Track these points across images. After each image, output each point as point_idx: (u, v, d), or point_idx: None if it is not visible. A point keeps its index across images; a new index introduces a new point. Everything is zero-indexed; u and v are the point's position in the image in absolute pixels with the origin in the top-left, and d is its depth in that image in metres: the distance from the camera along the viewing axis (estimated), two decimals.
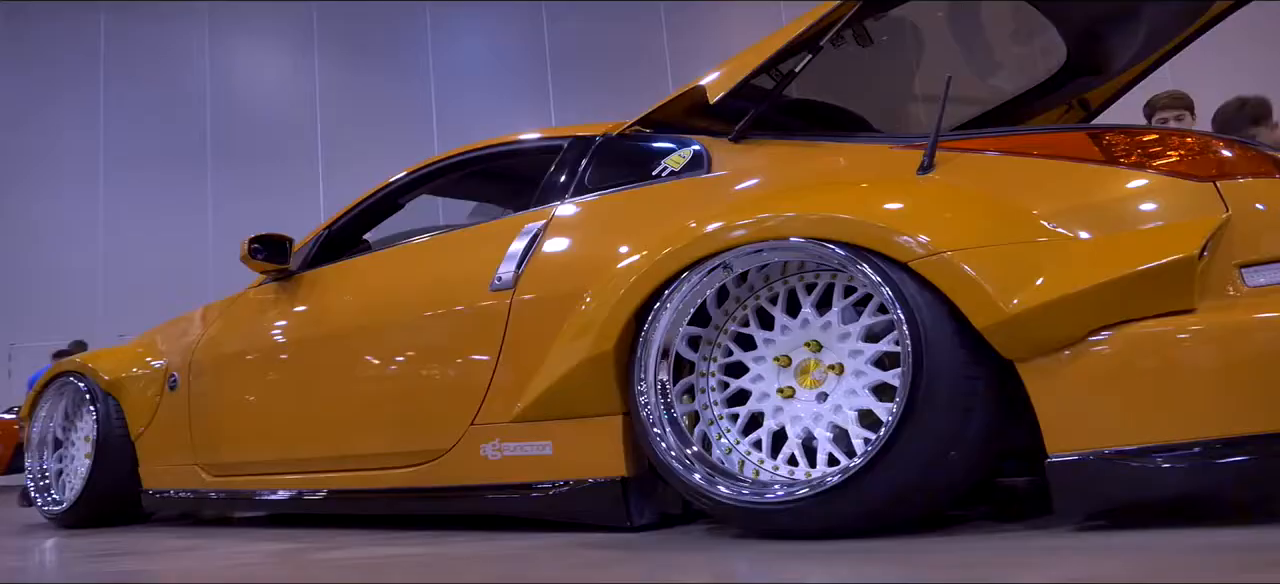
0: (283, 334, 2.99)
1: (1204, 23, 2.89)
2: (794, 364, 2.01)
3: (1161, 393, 1.62)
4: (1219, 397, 1.59)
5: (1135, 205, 1.77)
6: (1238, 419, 1.58)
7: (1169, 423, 1.61)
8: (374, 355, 2.69)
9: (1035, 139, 1.96)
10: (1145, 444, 1.61)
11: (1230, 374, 1.60)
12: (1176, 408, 1.61)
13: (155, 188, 12.04)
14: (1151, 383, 1.63)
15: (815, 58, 2.31)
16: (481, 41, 12.81)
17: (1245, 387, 1.58)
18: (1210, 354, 1.61)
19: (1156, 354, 1.63)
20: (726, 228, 2.00)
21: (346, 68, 12.56)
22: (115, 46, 12.23)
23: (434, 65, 12.43)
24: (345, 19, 12.44)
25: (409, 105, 12.32)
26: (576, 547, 2.00)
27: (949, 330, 1.73)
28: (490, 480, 2.39)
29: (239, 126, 12.17)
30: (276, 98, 12.59)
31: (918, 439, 1.71)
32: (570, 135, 2.71)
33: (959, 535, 1.77)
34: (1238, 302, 1.66)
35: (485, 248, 2.54)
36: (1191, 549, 1.46)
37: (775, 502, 1.84)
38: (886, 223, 1.82)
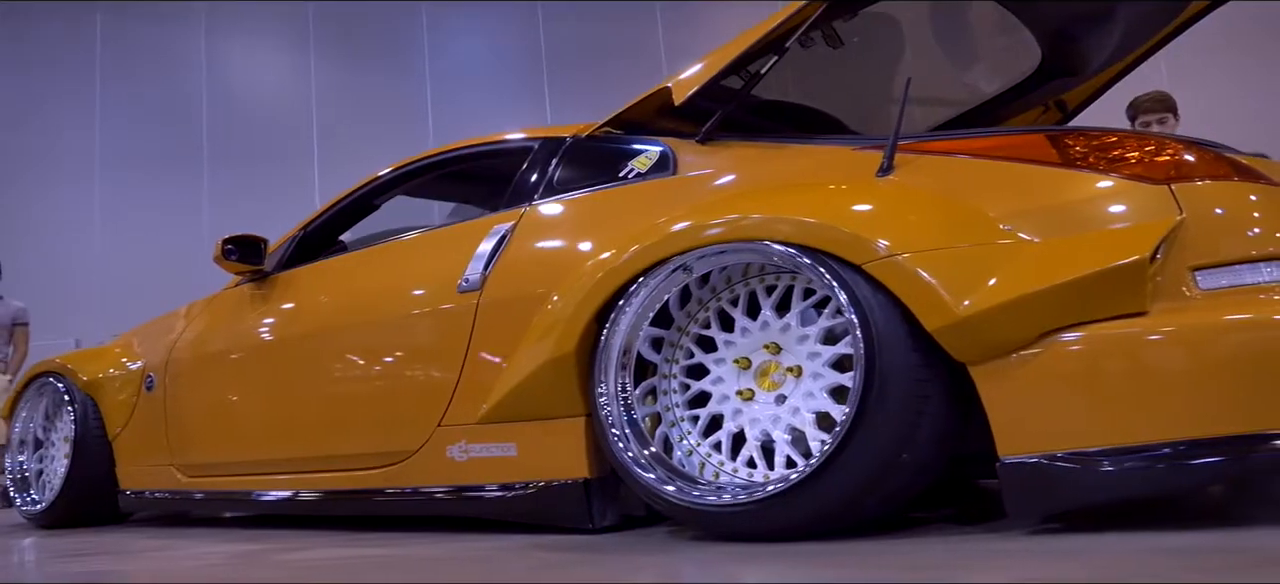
0: (255, 335, 2.99)
1: (1180, 23, 2.88)
2: (754, 366, 2.01)
3: (1112, 396, 1.62)
4: (1169, 400, 1.59)
5: (1090, 208, 1.77)
6: (1188, 423, 1.57)
7: (1120, 426, 1.60)
8: (344, 356, 2.69)
9: (995, 141, 1.96)
10: (1096, 447, 1.61)
11: (1180, 378, 1.59)
12: (1127, 411, 1.60)
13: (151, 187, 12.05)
14: (1102, 386, 1.62)
15: (781, 59, 2.31)
16: (477, 41, 12.81)
17: (1196, 390, 1.58)
18: (1160, 357, 1.61)
19: (1107, 357, 1.62)
20: (684, 230, 2.00)
21: (342, 68, 12.56)
22: (111, 46, 12.25)
23: (430, 65, 12.43)
24: (341, 19, 12.45)
25: (405, 105, 12.32)
26: (535, 549, 1.99)
27: (902, 333, 1.73)
28: (457, 482, 2.39)
29: (235, 126, 12.18)
30: (272, 98, 12.60)
31: (870, 442, 1.71)
32: (541, 136, 2.71)
33: (915, 538, 1.77)
34: (1191, 305, 1.65)
35: (455, 249, 2.54)
36: (1141, 552, 1.46)
37: (729, 504, 1.84)
38: (841, 225, 1.82)
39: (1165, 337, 1.60)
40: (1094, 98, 3.16)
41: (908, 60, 3.17)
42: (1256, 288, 1.67)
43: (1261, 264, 1.70)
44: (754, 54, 2.30)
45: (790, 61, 2.69)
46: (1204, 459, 1.55)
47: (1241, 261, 1.69)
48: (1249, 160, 1.97)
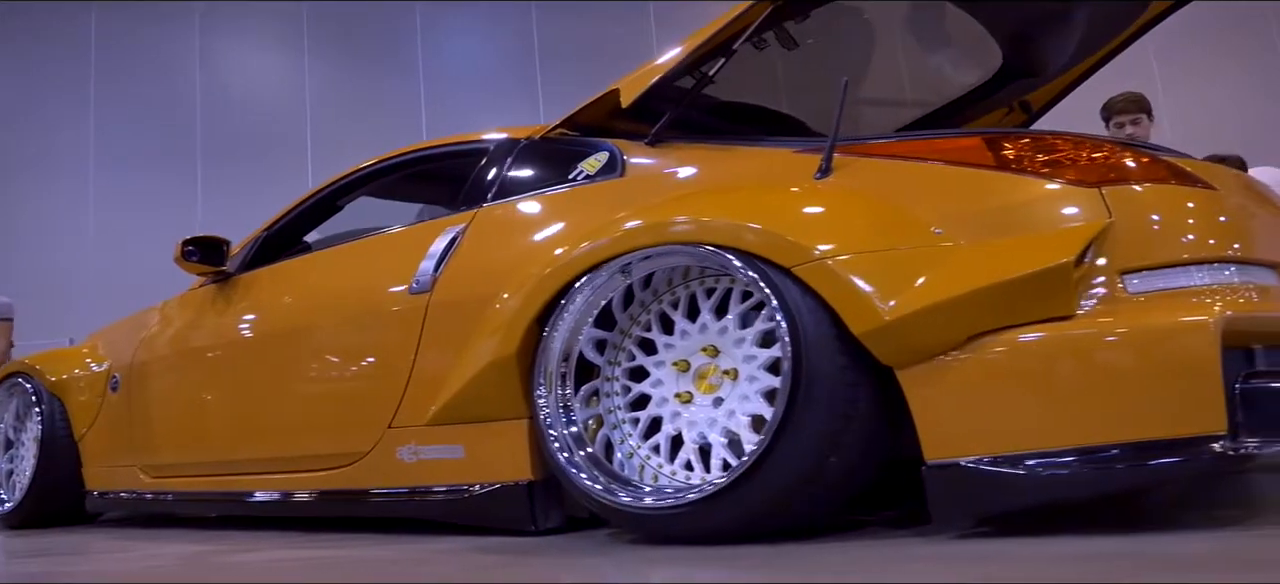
0: (214, 336, 2.99)
1: (1142, 25, 2.87)
2: (692, 369, 2.01)
3: (1037, 400, 1.61)
4: (1095, 404, 1.58)
5: (1022, 212, 1.76)
6: (1113, 426, 1.57)
7: (1045, 430, 1.60)
8: (299, 358, 2.69)
9: (932, 144, 1.96)
10: (1020, 451, 1.60)
11: (1105, 381, 1.59)
12: (1053, 415, 1.60)
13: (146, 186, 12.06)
14: (1028, 390, 1.62)
15: (729, 61, 2.30)
16: (471, 40, 12.81)
17: (1121, 394, 1.57)
18: (1086, 361, 1.60)
19: (1032, 361, 1.62)
20: (621, 233, 2.00)
21: (337, 67, 12.58)
22: (106, 45, 12.27)
23: (424, 64, 12.44)
24: (335, 18, 12.46)
25: (399, 104, 12.33)
26: (472, 551, 2.00)
27: (830, 336, 1.72)
28: (407, 483, 2.39)
29: (229, 125, 12.19)
30: (267, 97, 12.62)
31: (796, 445, 1.71)
32: (497, 138, 2.71)
33: (845, 541, 1.77)
34: (1118, 308, 1.65)
35: (408, 251, 2.54)
36: (1067, 557, 1.45)
37: (660, 507, 1.84)
38: (770, 228, 1.82)
39: (1089, 340, 1.60)
40: (1059, 98, 3.14)
41: (874, 61, 3.17)
42: (1186, 291, 1.67)
43: (1192, 268, 1.70)
44: (702, 56, 2.30)
45: (755, 62, 2.71)
46: (1129, 463, 1.55)
47: (1171, 265, 1.69)
48: (1197, 164, 1.97)
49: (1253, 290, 1.74)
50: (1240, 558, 1.33)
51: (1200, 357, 1.53)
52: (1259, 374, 1.63)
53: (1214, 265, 1.72)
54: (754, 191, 2.01)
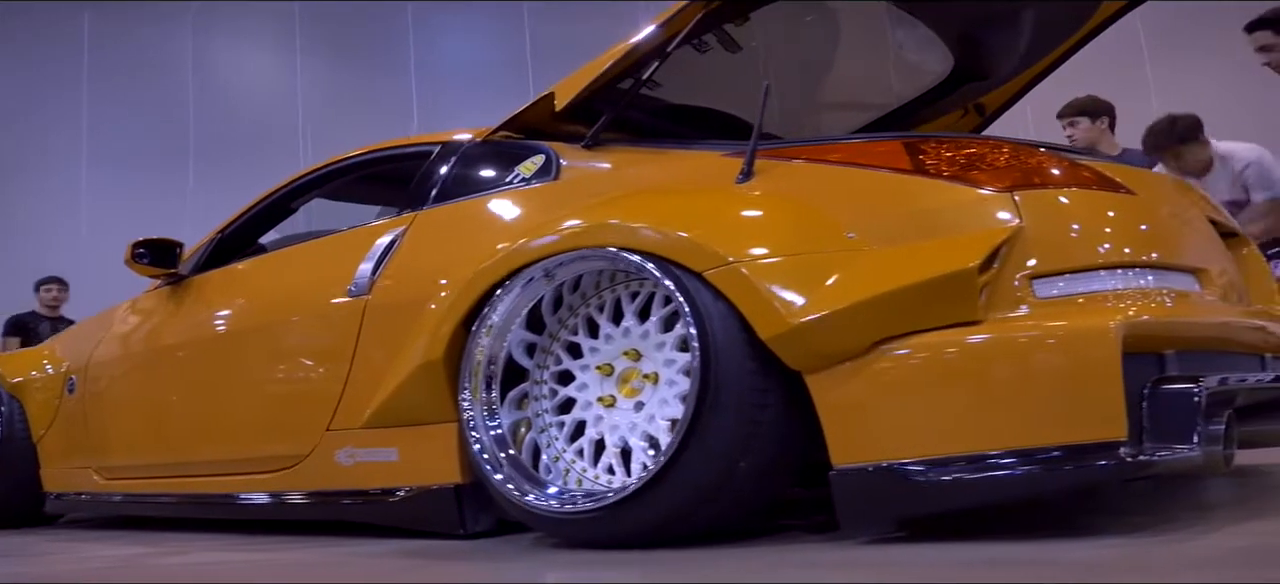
0: (163, 339, 3.00)
1: (1094, 26, 2.87)
2: (616, 373, 2.00)
3: (941, 405, 1.61)
4: (997, 409, 1.58)
5: (936, 216, 1.76)
6: (1015, 432, 1.57)
7: (948, 435, 1.60)
8: (243, 360, 2.70)
9: (853, 148, 1.96)
10: (925, 456, 1.60)
11: (1007, 387, 1.58)
12: (955, 420, 1.60)
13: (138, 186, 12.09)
14: (932, 395, 1.62)
15: (663, 63, 2.30)
16: (463, 40, 12.82)
17: (1022, 400, 1.57)
18: (990, 366, 1.60)
19: (937, 366, 1.62)
20: (542, 238, 2.00)
21: (329, 67, 12.59)
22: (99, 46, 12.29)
23: (416, 64, 12.45)
24: (328, 19, 12.47)
25: (391, 104, 12.34)
26: (394, 555, 2.00)
27: (740, 341, 1.72)
28: (345, 486, 2.39)
29: (222, 124, 12.21)
30: (259, 97, 12.64)
31: (705, 450, 1.70)
32: (441, 141, 2.71)
33: (759, 545, 1.76)
34: (1023, 314, 1.64)
35: (351, 253, 2.54)
36: (969, 562, 1.45)
37: (576, 511, 1.84)
38: (683, 232, 1.81)
39: (991, 345, 1.60)
40: (1013, 101, 3.13)
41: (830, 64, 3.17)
42: (1095, 296, 1.67)
43: (1102, 273, 1.69)
44: (638, 58, 2.29)
45: (712, 65, 2.71)
46: (1030, 469, 1.54)
47: (1081, 270, 1.68)
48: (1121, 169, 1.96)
49: (1167, 295, 1.74)
50: (1143, 563, 1.33)
51: (1100, 362, 1.53)
52: (1168, 380, 1.63)
53: (1126, 270, 1.71)
54: (673, 196, 2.01)
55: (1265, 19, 3.65)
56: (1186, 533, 1.54)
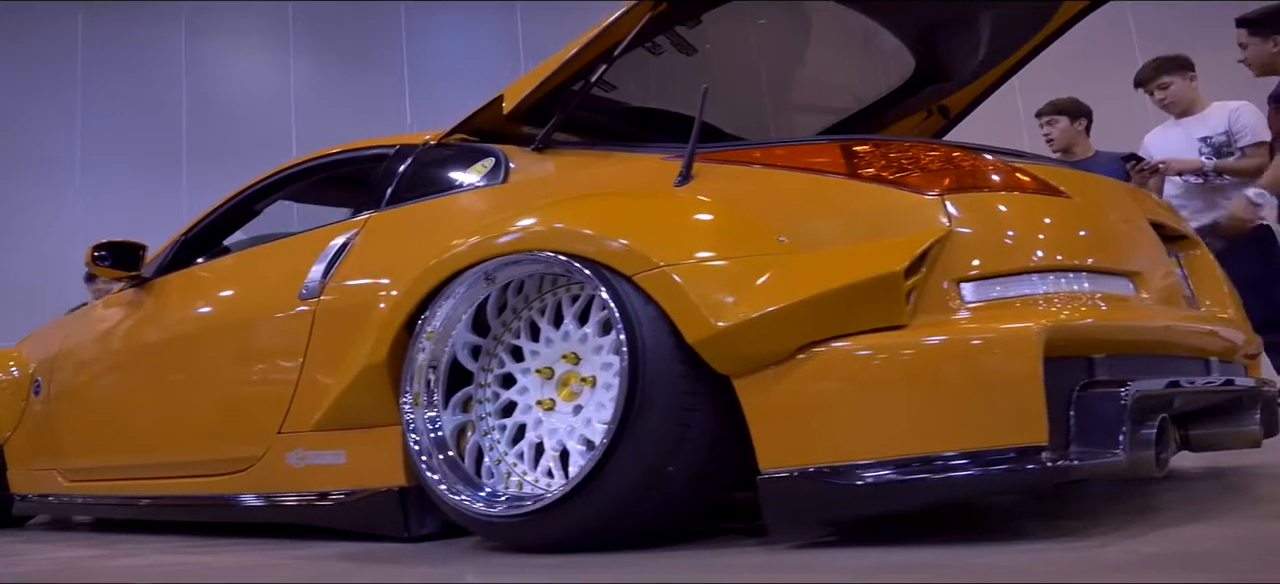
0: (124, 341, 3.00)
1: (1057, 27, 2.86)
2: (556, 376, 2.00)
3: (865, 410, 1.61)
4: (920, 414, 1.58)
5: (867, 219, 1.76)
6: (939, 437, 1.56)
7: (872, 440, 1.60)
8: (199, 363, 2.70)
9: (790, 151, 1.95)
10: (848, 461, 1.60)
11: (933, 391, 1.58)
12: (879, 425, 1.60)
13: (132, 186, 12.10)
14: (856, 399, 1.62)
15: (610, 66, 2.29)
16: (456, 40, 12.83)
17: (946, 404, 1.57)
18: (913, 371, 1.59)
19: (860, 370, 1.62)
20: (480, 240, 2.00)
21: (322, 66, 12.61)
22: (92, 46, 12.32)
23: (408, 64, 12.47)
24: (321, 18, 12.48)
25: (384, 104, 12.35)
26: (333, 558, 2.00)
27: (669, 345, 1.72)
28: (296, 488, 2.39)
29: (215, 125, 12.23)
30: (252, 97, 12.66)
31: (634, 453, 1.70)
32: (398, 144, 2.71)
33: (692, 549, 1.76)
34: (951, 318, 1.64)
35: (305, 255, 2.55)
36: (892, 566, 1.45)
37: (509, 515, 1.84)
38: (613, 236, 1.81)
39: (914, 350, 1.59)
40: (978, 102, 3.13)
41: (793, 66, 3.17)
42: (1022, 300, 1.66)
43: (1032, 276, 1.69)
44: (586, 61, 2.29)
45: (670, 68, 2.71)
46: (954, 473, 1.54)
47: (1010, 274, 1.68)
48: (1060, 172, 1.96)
49: (1099, 299, 1.73)
50: (1047, 568, 1.32)
51: (1021, 367, 1.52)
52: (1095, 384, 1.63)
53: (1057, 274, 1.71)
54: (608, 199, 2.01)
55: (1244, 19, 3.65)
56: (1105, 538, 1.54)
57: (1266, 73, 3.62)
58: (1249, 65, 3.66)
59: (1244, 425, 2.34)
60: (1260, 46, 3.60)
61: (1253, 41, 3.61)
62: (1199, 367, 2.07)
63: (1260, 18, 3.61)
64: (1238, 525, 1.63)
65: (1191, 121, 3.92)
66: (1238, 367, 2.41)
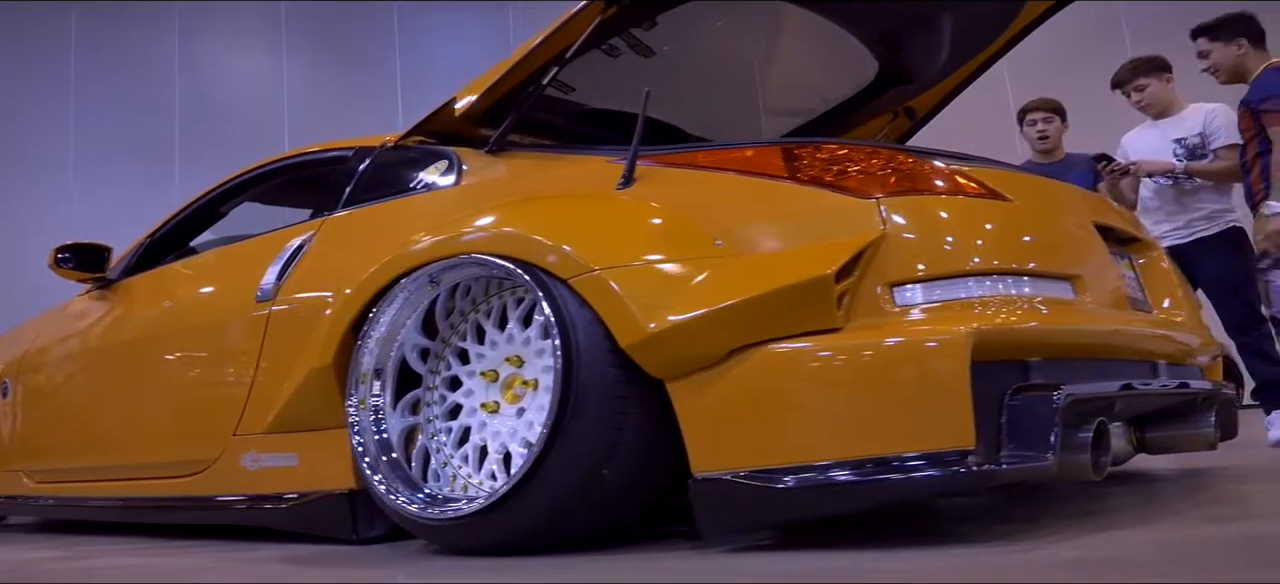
0: (89, 343, 3.01)
1: (1021, 29, 2.86)
2: (500, 379, 2.00)
3: (793, 413, 1.61)
4: (851, 418, 1.57)
5: (803, 223, 1.76)
6: (868, 441, 1.56)
7: (802, 444, 1.59)
8: (158, 364, 2.70)
9: (731, 154, 1.95)
10: (779, 465, 1.60)
11: (862, 395, 1.58)
12: (810, 429, 1.59)
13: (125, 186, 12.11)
14: (786, 403, 1.61)
15: (562, 69, 2.29)
16: (449, 41, 12.83)
17: (874, 408, 1.56)
18: (842, 375, 1.59)
19: (790, 374, 1.61)
20: (424, 243, 2.00)
21: (315, 67, 12.62)
22: (86, 46, 12.33)
23: (401, 64, 12.48)
24: (314, 19, 12.49)
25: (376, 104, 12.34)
26: (274, 560, 2.00)
27: (603, 348, 1.72)
28: (249, 491, 2.39)
29: (208, 125, 12.24)
30: (245, 97, 12.67)
31: (568, 457, 1.70)
32: (356, 146, 2.71)
33: (630, 552, 1.76)
34: (884, 321, 1.64)
35: (263, 257, 2.55)
36: (816, 571, 1.45)
37: (445, 518, 1.84)
38: (552, 239, 1.81)
39: (844, 353, 1.59)
40: (944, 103, 3.12)
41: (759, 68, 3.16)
42: (956, 304, 1.66)
43: (966, 280, 1.69)
44: (538, 63, 2.29)
45: (637, 70, 2.71)
46: (882, 478, 1.54)
47: (944, 277, 1.67)
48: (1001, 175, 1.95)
49: (1037, 303, 1.73)
50: (966, 573, 1.32)
51: (948, 371, 1.52)
52: (1028, 388, 1.62)
53: (992, 278, 1.70)
54: (550, 202, 2.01)
55: (1200, 28, 3.64)
56: (1035, 542, 1.54)
57: (1235, 78, 3.61)
58: (1215, 73, 3.64)
59: (1199, 428, 2.34)
60: (1224, 51, 3.59)
61: (1215, 47, 3.60)
62: (1146, 370, 2.07)
63: (1218, 23, 3.61)
64: (1170, 529, 1.63)
65: (1167, 123, 3.91)
66: (1193, 370, 2.41)
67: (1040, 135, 4.15)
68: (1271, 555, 1.35)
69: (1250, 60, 3.55)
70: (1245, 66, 3.54)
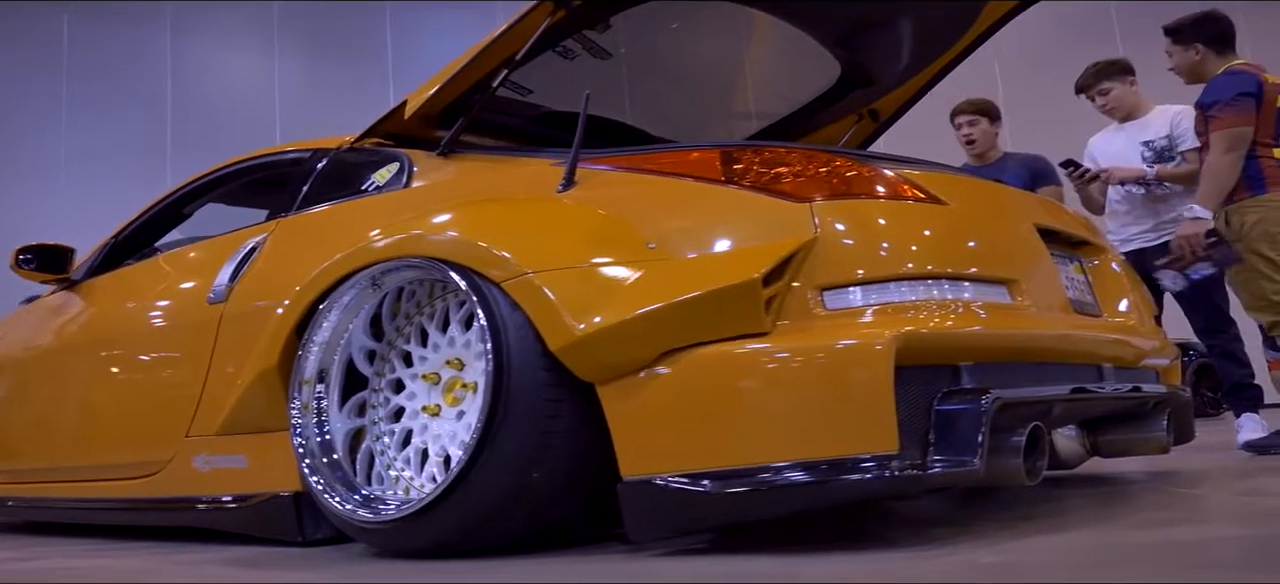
0: (50, 345, 3.01)
1: (983, 30, 2.85)
2: (442, 382, 2.00)
3: (722, 418, 1.61)
4: (778, 422, 1.57)
5: (736, 226, 1.76)
6: (792, 445, 1.56)
7: (728, 448, 1.59)
8: (116, 366, 2.71)
9: (670, 157, 1.95)
10: (706, 469, 1.59)
11: (788, 399, 1.58)
12: (737, 433, 1.59)
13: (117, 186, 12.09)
14: (713, 407, 1.61)
15: (512, 72, 2.29)
16: (441, 40, 12.81)
17: (802, 412, 1.57)
18: (769, 379, 1.59)
19: (715, 379, 1.61)
20: (364, 247, 2.00)
21: (307, 67, 12.62)
22: (78, 46, 12.33)
23: (393, 63, 12.48)
24: (306, 19, 12.49)
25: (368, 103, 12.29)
26: (217, 562, 2.01)
27: (534, 352, 1.72)
28: (201, 492, 2.39)
29: (200, 125, 12.24)
30: (238, 97, 12.67)
31: (498, 460, 1.70)
32: (313, 148, 2.71)
33: (556, 556, 1.76)
34: (812, 325, 1.64)
35: (218, 259, 2.55)
36: (739, 574, 1.45)
37: (379, 520, 1.84)
38: (487, 243, 1.81)
39: (770, 358, 1.59)
40: (908, 106, 3.12)
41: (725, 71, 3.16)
42: (887, 308, 1.66)
43: (900, 284, 1.69)
44: (486, 65, 2.29)
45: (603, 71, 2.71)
46: (806, 482, 1.54)
47: (875, 281, 1.67)
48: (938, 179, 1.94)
49: (971, 307, 1.73)
50: (897, 573, 1.32)
51: (871, 376, 1.52)
52: (958, 393, 1.62)
53: (923, 282, 1.70)
54: (489, 206, 2.01)
55: (1167, 28, 3.64)
56: (959, 546, 1.54)
57: (1194, 80, 3.61)
58: (1179, 74, 3.65)
59: (1151, 432, 2.34)
60: (1183, 55, 3.59)
61: (1176, 50, 3.60)
62: (1092, 374, 2.07)
63: (1178, 26, 3.61)
64: (1101, 534, 1.63)
65: (1134, 126, 3.91)
66: (1147, 374, 2.40)
67: (966, 140, 4.12)
68: (1188, 560, 1.35)
69: (1208, 64, 3.55)
70: (1202, 70, 3.54)
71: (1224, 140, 3.34)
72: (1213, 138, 3.36)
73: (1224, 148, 3.34)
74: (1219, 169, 3.34)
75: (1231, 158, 3.33)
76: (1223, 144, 3.34)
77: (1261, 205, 3.36)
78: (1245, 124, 3.34)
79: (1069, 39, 10.17)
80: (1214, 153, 3.36)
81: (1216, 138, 3.35)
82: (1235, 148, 3.33)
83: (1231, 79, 3.43)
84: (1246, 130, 3.34)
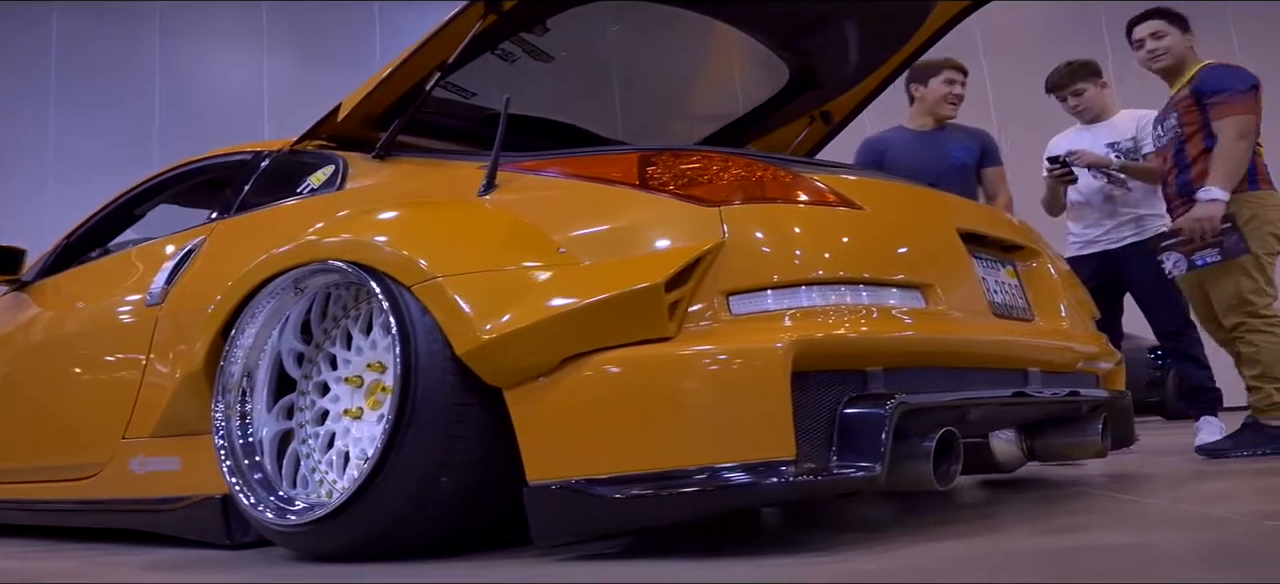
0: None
1: (934, 31, 2.85)
2: (364, 385, 2.01)
3: (623, 423, 1.61)
4: (675, 428, 1.57)
5: (646, 231, 1.76)
6: (691, 450, 1.56)
7: (631, 453, 1.59)
8: (58, 367, 2.71)
9: (594, 161, 1.95)
10: (606, 474, 1.60)
11: (688, 405, 1.58)
12: (638, 438, 1.59)
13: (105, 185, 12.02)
14: (614, 412, 1.61)
15: (445, 75, 2.29)
16: None
17: (698, 417, 1.57)
18: (669, 384, 1.59)
19: (619, 383, 1.61)
20: (284, 250, 2.00)
21: (296, 66, 12.61)
22: (67, 45, 12.33)
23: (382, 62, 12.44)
24: (295, 18, 12.49)
25: None
26: (139, 565, 2.01)
27: (442, 356, 1.72)
28: (137, 494, 2.39)
29: (188, 124, 12.24)
30: (226, 96, 12.67)
31: (404, 465, 1.70)
32: (256, 150, 2.71)
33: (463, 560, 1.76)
34: (716, 330, 1.64)
35: (157, 261, 2.55)
36: (643, 576, 1.45)
37: (291, 525, 1.84)
38: (398, 246, 1.82)
39: (670, 363, 1.59)
40: (860, 108, 3.12)
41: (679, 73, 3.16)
42: (799, 312, 1.66)
43: (809, 289, 1.68)
44: (419, 67, 2.29)
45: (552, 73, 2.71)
46: (704, 487, 1.54)
47: (782, 286, 1.67)
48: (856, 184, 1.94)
49: (880, 312, 1.72)
50: (785, 575, 1.33)
51: (767, 381, 1.52)
52: (862, 398, 1.62)
53: (835, 287, 1.70)
54: (406, 209, 2.02)
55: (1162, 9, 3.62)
56: (854, 552, 1.54)
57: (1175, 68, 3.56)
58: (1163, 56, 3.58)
59: (1086, 436, 2.34)
60: (1181, 39, 3.53)
61: (1172, 32, 3.55)
62: (1017, 379, 2.06)
63: (1176, 13, 3.59)
64: (1001, 541, 1.63)
65: (1099, 128, 3.91)
66: (1086, 378, 2.40)
67: (953, 98, 3.90)
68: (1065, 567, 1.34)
69: (1190, 59, 3.54)
70: (1186, 61, 3.53)
71: (1236, 126, 3.30)
72: (1223, 123, 3.31)
73: (1237, 134, 3.30)
74: (1234, 153, 3.30)
75: (1244, 145, 3.30)
76: (1235, 129, 3.30)
77: (1254, 201, 3.34)
78: (1254, 115, 3.33)
79: (1057, 39, 10.18)
80: (1227, 137, 3.31)
81: (1228, 123, 3.31)
82: (1246, 135, 3.31)
83: (1236, 72, 3.42)
84: (1254, 122, 3.33)
